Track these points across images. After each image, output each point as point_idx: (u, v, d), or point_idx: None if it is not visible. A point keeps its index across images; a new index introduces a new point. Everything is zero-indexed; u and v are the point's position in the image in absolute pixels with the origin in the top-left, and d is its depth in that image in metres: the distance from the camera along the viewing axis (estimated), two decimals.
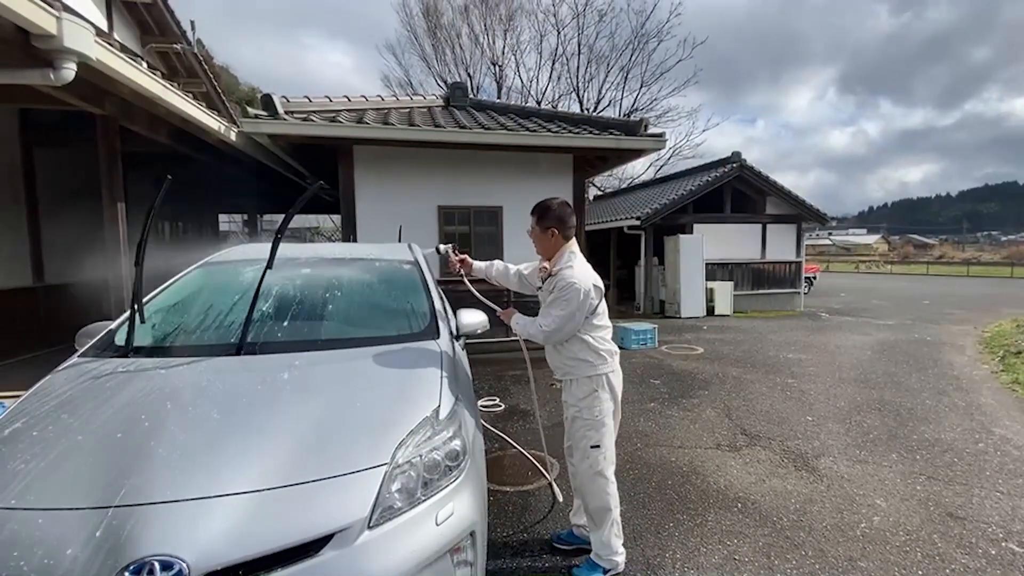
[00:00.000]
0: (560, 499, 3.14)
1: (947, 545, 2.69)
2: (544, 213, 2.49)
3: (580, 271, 2.39)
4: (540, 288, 2.58)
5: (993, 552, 2.63)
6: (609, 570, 2.41)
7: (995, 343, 8.22)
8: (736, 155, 12.86)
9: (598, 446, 2.38)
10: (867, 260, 46.35)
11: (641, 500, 3.17)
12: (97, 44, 3.47)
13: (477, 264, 2.83)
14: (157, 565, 1.25)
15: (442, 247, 2.98)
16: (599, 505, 2.40)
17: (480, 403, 4.86)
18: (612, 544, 2.41)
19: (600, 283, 2.46)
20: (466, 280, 2.90)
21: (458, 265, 2.83)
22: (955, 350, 7.94)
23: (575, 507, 2.69)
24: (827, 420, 4.65)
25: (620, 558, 2.42)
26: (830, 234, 69.16)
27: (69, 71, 3.33)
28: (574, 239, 2.53)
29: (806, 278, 15.29)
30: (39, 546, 1.30)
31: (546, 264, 2.52)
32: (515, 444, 4.03)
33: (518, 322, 2.52)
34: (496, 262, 2.84)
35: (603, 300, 2.48)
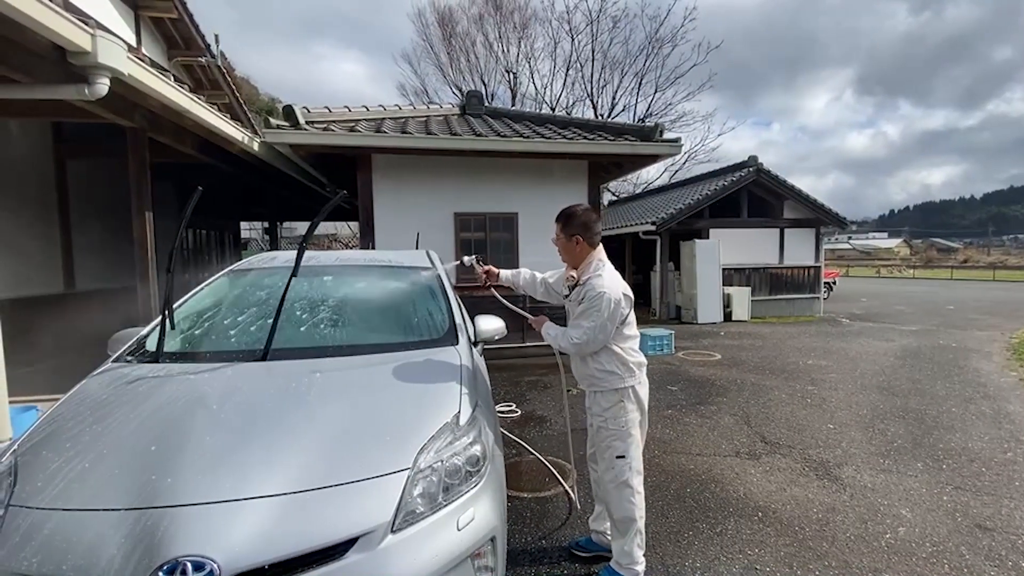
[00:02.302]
0: (578, 507, 3.13)
1: (975, 557, 2.63)
2: (568, 220, 2.45)
3: (609, 279, 2.34)
4: (567, 297, 2.54)
5: None
6: None
7: (1023, 349, 8.01)
8: (753, 159, 12.74)
9: (624, 456, 2.35)
10: (888, 264, 45.43)
11: (659, 508, 3.15)
12: (129, 60, 3.59)
13: (503, 273, 2.83)
14: (190, 566, 1.29)
15: (467, 259, 3.02)
16: (624, 515, 2.37)
17: (496, 409, 4.88)
18: (634, 554, 2.38)
19: (630, 291, 2.41)
20: (493, 290, 2.91)
21: (484, 276, 2.84)
22: (981, 357, 7.75)
23: (595, 513, 2.69)
24: (849, 428, 4.57)
25: (640, 567, 2.40)
26: (850, 238, 67.93)
27: (103, 86, 3.45)
28: (600, 246, 2.49)
29: (825, 283, 15.05)
30: (77, 546, 1.35)
31: (573, 273, 2.49)
32: (532, 450, 4.04)
33: (549, 332, 2.48)
34: (523, 271, 2.83)
35: (632, 309, 2.43)
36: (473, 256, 2.99)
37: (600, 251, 2.47)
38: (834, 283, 18.87)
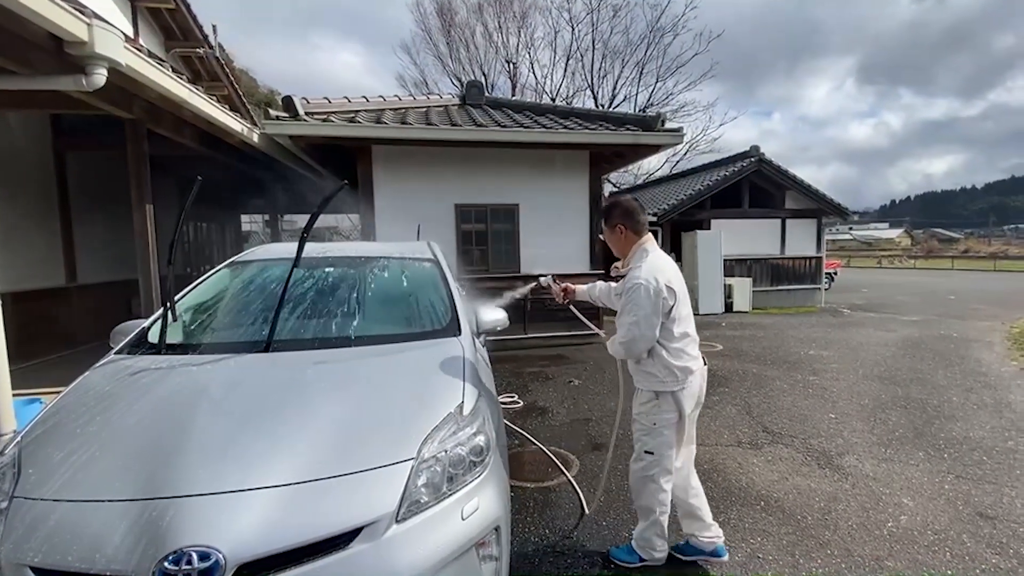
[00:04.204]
0: (587, 511, 3.00)
1: (977, 545, 2.64)
2: (609, 211, 2.42)
3: (649, 270, 2.21)
4: (618, 293, 2.45)
5: None
6: (645, 560, 2.43)
7: None
8: (754, 149, 12.67)
9: (651, 452, 2.32)
10: (890, 255, 45.32)
11: None
12: (126, 50, 3.56)
13: (579, 288, 2.82)
14: (195, 556, 1.29)
15: (543, 279, 3.05)
16: (644, 505, 2.39)
17: (499, 400, 4.88)
18: (652, 541, 2.42)
19: (677, 283, 2.26)
20: (572, 307, 2.95)
21: (562, 294, 2.84)
22: (983, 346, 7.74)
23: (679, 516, 2.51)
24: (851, 418, 4.58)
25: (659, 554, 2.43)
26: (851, 229, 67.65)
27: (100, 77, 3.43)
28: (650, 236, 2.40)
29: (827, 274, 15.02)
30: (82, 536, 1.35)
31: (618, 264, 2.44)
32: (535, 441, 4.05)
33: (608, 344, 2.42)
34: (598, 283, 2.78)
35: (681, 303, 2.26)
36: (549, 275, 3.02)
37: (647, 239, 2.38)
38: (835, 274, 18.84)
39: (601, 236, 2.52)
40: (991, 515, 2.92)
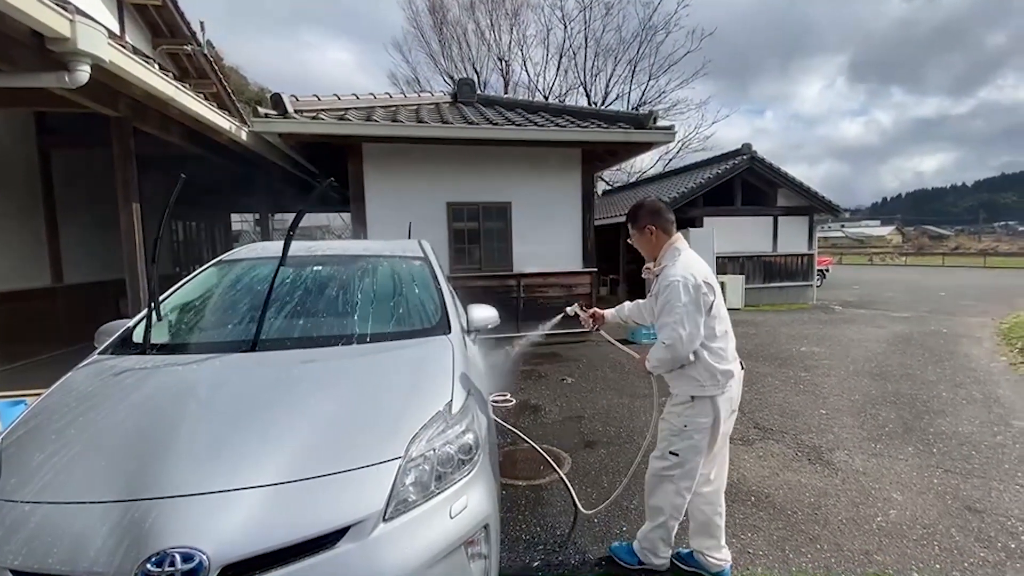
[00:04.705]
0: (583, 512, 2.95)
1: (965, 539, 2.66)
2: (635, 214, 2.35)
3: (683, 265, 2.15)
4: (652, 295, 2.34)
5: (1013, 545, 2.60)
6: (644, 564, 2.38)
7: (1013, 335, 8.07)
8: (746, 147, 12.71)
9: (676, 454, 2.22)
10: (881, 252, 45.68)
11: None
12: (110, 46, 3.52)
13: (608, 312, 2.76)
14: (178, 557, 1.27)
15: (569, 309, 2.98)
16: (655, 505, 2.31)
17: (491, 398, 4.87)
18: (656, 547, 2.34)
19: (712, 280, 2.18)
20: (603, 332, 2.90)
21: (591, 321, 2.76)
22: (972, 342, 7.82)
23: (692, 528, 2.44)
24: (841, 413, 4.60)
25: (659, 561, 2.36)
26: (843, 226, 68.13)
27: (83, 73, 3.38)
28: (679, 235, 2.34)
29: (819, 271, 15.10)
30: (64, 539, 1.33)
31: (650, 264, 2.36)
32: (527, 439, 4.04)
33: (648, 358, 2.26)
34: (625, 304, 2.73)
35: (720, 299, 2.20)
36: (576, 304, 2.93)
37: (678, 239, 2.32)
38: (827, 271, 18.97)
39: (629, 240, 2.44)
40: (979, 509, 2.95)
